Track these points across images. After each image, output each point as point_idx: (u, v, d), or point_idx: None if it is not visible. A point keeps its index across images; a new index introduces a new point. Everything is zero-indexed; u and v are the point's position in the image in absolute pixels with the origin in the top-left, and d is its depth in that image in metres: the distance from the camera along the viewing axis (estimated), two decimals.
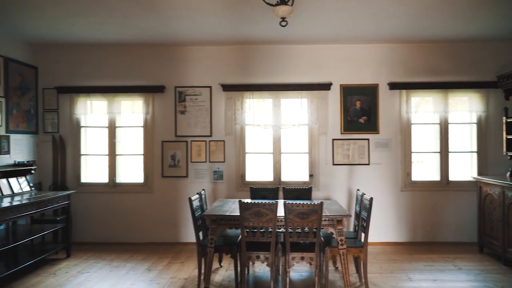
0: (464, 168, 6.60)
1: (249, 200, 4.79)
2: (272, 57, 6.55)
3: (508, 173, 5.97)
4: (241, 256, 4.39)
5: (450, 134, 6.54)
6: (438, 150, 6.55)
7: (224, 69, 6.58)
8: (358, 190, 5.27)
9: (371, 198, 4.54)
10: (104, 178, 6.70)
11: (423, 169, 6.73)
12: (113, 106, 6.59)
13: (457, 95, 6.48)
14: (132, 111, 6.64)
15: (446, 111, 6.48)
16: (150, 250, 6.24)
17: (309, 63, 6.54)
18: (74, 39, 6.25)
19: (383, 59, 6.53)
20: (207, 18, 5.30)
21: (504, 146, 6.12)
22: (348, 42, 6.44)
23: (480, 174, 6.42)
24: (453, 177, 6.52)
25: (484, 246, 5.96)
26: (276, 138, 6.55)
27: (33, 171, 6.03)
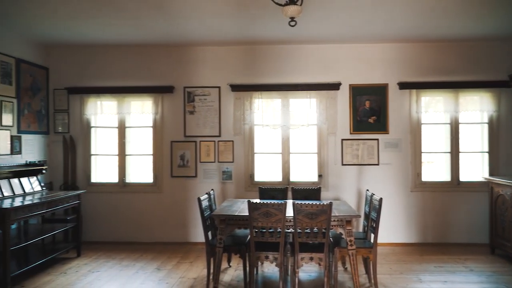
0: (475, 168, 6.53)
1: (258, 200, 4.78)
2: (280, 57, 6.55)
3: None
4: (250, 256, 4.39)
5: (460, 134, 6.47)
6: (449, 150, 6.49)
7: (233, 69, 6.59)
8: (368, 190, 5.24)
9: (381, 199, 4.51)
10: (114, 178, 6.74)
11: (434, 169, 6.67)
12: (122, 107, 6.63)
13: (468, 95, 6.41)
14: (141, 112, 6.68)
15: (457, 111, 6.41)
16: (159, 249, 6.27)
17: (318, 63, 6.52)
18: (84, 40, 6.30)
19: (393, 59, 6.49)
20: (216, 19, 5.31)
21: None
22: (357, 42, 6.41)
23: (491, 174, 6.34)
24: (464, 177, 6.46)
25: (495, 248, 5.89)
26: (285, 138, 6.54)
27: (44, 171, 6.09)
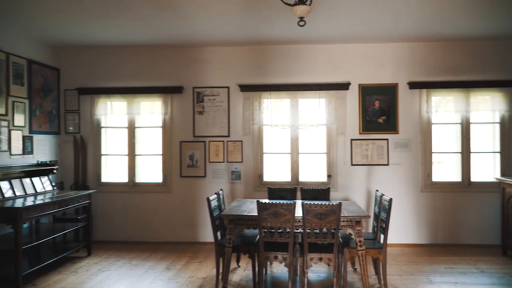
0: (486, 168, 6.46)
1: (267, 200, 4.78)
2: (289, 57, 6.54)
3: None
4: (259, 256, 4.39)
5: (472, 134, 6.40)
6: (460, 150, 6.42)
7: (241, 69, 6.59)
8: (377, 190, 5.21)
9: (391, 199, 4.48)
10: (123, 178, 6.79)
11: (444, 169, 6.61)
12: (132, 107, 6.68)
13: (479, 94, 6.34)
14: (151, 112, 6.72)
15: (468, 111, 6.35)
16: (168, 249, 6.30)
17: (327, 63, 6.50)
18: (95, 41, 6.36)
19: (403, 58, 6.44)
20: (225, 19, 5.32)
21: None
22: (366, 41, 6.37)
23: (503, 175, 6.26)
24: (475, 178, 6.39)
25: (507, 249, 5.82)
26: (294, 138, 6.53)
27: (55, 171, 6.16)
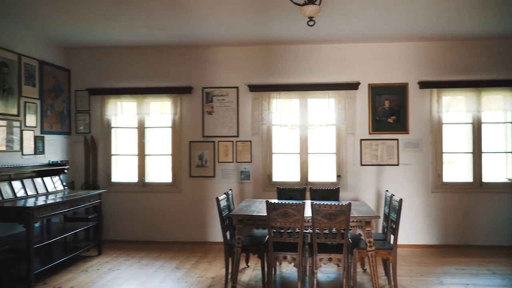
0: (498, 169, 6.38)
1: (276, 200, 4.78)
2: (299, 57, 6.52)
3: None
4: (268, 256, 4.38)
5: (483, 134, 6.33)
6: (471, 150, 6.36)
7: (250, 69, 6.59)
8: (387, 191, 5.18)
9: (401, 200, 4.45)
10: (133, 178, 6.83)
11: (455, 170, 6.55)
12: (142, 107, 6.71)
13: (491, 94, 6.26)
14: (160, 112, 6.75)
15: (479, 110, 6.27)
16: (178, 249, 6.32)
17: (336, 63, 6.48)
18: (105, 42, 6.41)
19: (413, 58, 6.39)
20: (234, 19, 5.33)
21: None
22: (376, 41, 6.34)
23: None
24: (486, 178, 6.32)
25: None
26: (303, 138, 6.52)
27: (66, 171, 6.20)
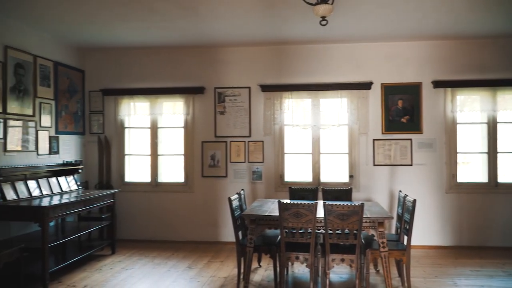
0: None
1: (288, 200, 4.77)
2: (311, 56, 6.50)
3: None
4: (280, 256, 4.38)
5: (499, 133, 6.24)
6: (486, 150, 6.27)
7: (262, 69, 6.59)
8: (400, 191, 5.13)
9: (414, 200, 4.41)
10: (146, 178, 6.88)
11: (470, 170, 6.47)
12: (155, 108, 6.76)
13: (506, 93, 6.17)
14: (173, 112, 6.79)
15: (495, 110, 6.18)
16: (190, 248, 6.35)
17: (349, 62, 6.44)
18: (118, 43, 6.46)
19: (427, 57, 6.32)
20: (246, 20, 5.34)
21: None
22: (389, 40, 6.29)
23: None
24: (502, 178, 6.22)
25: None
26: (315, 138, 6.50)
27: (80, 170, 6.28)
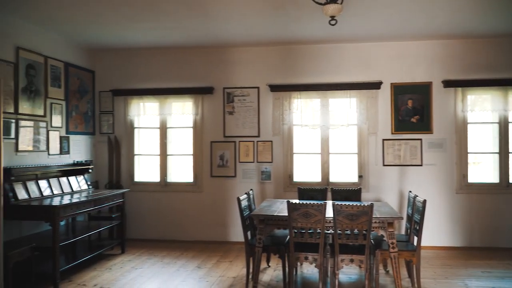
0: None
1: (297, 200, 4.76)
2: (320, 56, 6.49)
3: None
4: (289, 256, 4.37)
5: (510, 133, 6.16)
6: (497, 150, 6.20)
7: (271, 69, 6.59)
8: (410, 192, 5.10)
9: (425, 200, 4.38)
10: (155, 178, 6.92)
11: (481, 170, 6.40)
12: (164, 108, 6.79)
13: None
14: (182, 112, 6.81)
15: (506, 110, 6.11)
16: (199, 248, 6.37)
17: (358, 62, 6.41)
18: (128, 44, 6.51)
19: (437, 56, 6.27)
20: (255, 19, 5.34)
21: None
22: (399, 39, 6.25)
23: None
24: None
25: None
26: (324, 138, 6.48)
27: (90, 170, 6.34)
